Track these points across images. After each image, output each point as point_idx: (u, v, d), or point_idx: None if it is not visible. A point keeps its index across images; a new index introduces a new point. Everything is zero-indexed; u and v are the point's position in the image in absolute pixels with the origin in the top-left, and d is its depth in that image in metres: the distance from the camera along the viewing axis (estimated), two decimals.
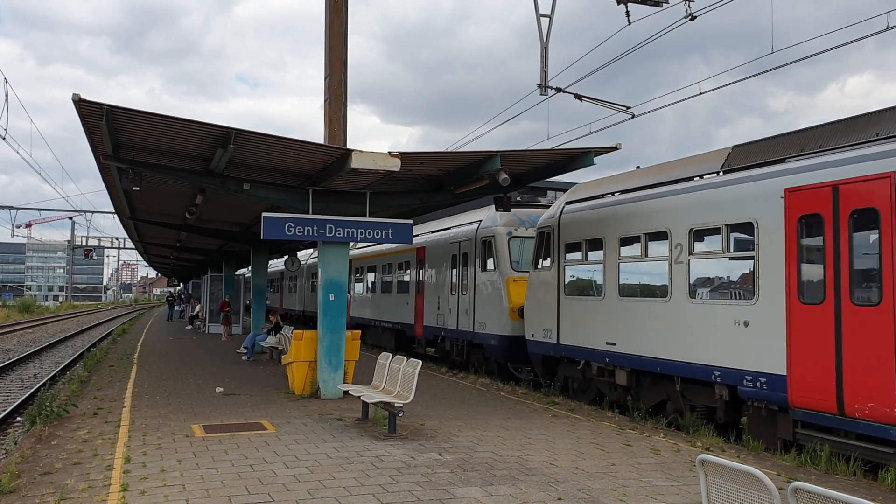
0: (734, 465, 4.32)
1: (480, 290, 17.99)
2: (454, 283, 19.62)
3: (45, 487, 7.39)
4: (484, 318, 17.68)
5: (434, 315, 20.85)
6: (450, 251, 20.14)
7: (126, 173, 12.80)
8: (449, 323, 19.78)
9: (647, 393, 12.56)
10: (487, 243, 17.89)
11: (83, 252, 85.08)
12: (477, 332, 18.03)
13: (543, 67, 15.76)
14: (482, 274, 18.00)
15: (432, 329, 21.06)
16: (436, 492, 7.35)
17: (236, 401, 13.21)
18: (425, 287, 21.68)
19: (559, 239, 14.64)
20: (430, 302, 21.24)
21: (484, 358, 18.36)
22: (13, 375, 22.19)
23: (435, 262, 21.15)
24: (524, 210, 18.26)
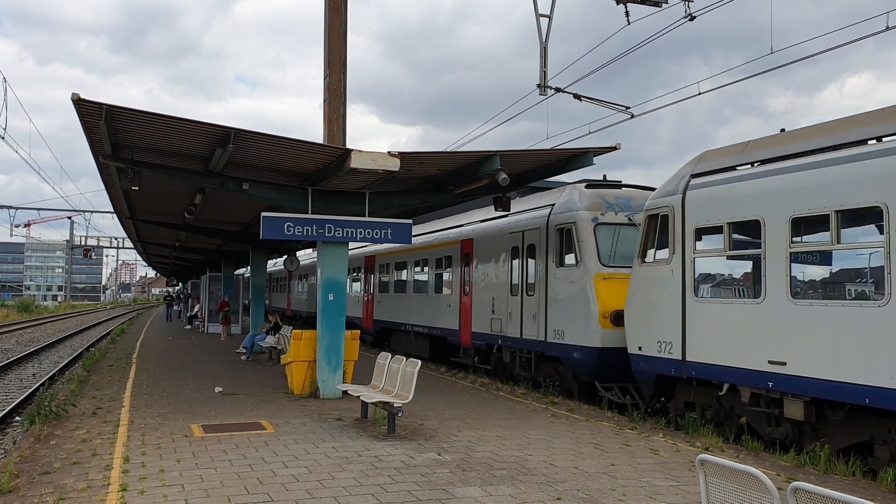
0: (734, 465, 4.32)
1: (555, 289, 14.77)
2: (516, 282, 16.42)
3: (44, 487, 7.38)
4: (561, 324, 14.46)
5: (486, 320, 17.70)
6: (508, 243, 16.85)
7: (125, 173, 12.79)
8: (509, 330, 16.53)
9: (838, 432, 9.37)
10: (565, 232, 14.63)
11: (82, 252, 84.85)
12: (551, 343, 14.76)
13: (543, 67, 15.77)
14: (558, 270, 14.73)
15: (484, 337, 17.83)
16: (435, 492, 7.35)
17: (235, 401, 13.20)
18: (474, 286, 18.46)
19: (684, 222, 11.27)
20: (480, 304, 18.07)
21: (558, 373, 15.10)
22: (12, 375, 22.18)
23: (487, 256, 17.97)
24: (609, 191, 15.04)
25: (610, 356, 13.37)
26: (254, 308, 26.66)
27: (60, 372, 21.92)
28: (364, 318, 27.96)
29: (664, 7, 15.17)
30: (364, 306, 27.98)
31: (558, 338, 14.54)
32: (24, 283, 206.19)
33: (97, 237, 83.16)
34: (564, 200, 15.02)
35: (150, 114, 10.55)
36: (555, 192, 15.96)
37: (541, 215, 15.67)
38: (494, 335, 17.25)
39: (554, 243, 14.97)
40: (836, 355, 8.85)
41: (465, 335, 18.92)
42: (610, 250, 14.17)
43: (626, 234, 14.26)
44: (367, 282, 28.01)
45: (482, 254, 18.21)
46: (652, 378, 12.08)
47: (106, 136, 11.44)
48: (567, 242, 14.64)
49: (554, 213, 15.19)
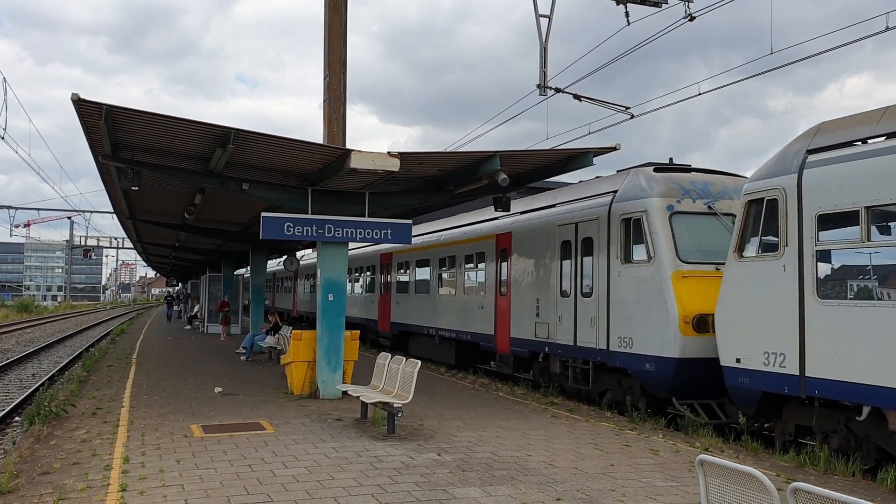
0: (734, 465, 4.32)
1: (620, 290, 12.85)
2: (567, 281, 14.47)
3: (44, 487, 7.38)
4: (629, 330, 12.55)
5: (529, 325, 15.68)
6: (557, 237, 14.90)
7: (125, 173, 12.79)
8: (559, 336, 14.56)
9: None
10: (633, 223, 12.77)
11: (82, 252, 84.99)
12: (615, 352, 12.84)
13: (543, 68, 15.78)
14: (624, 267, 12.84)
15: (526, 343, 15.82)
16: (435, 492, 7.35)
17: (235, 401, 13.20)
18: (513, 286, 16.53)
19: (801, 208, 9.36)
20: (521, 307, 16.08)
21: (620, 386, 13.22)
22: (11, 375, 22.17)
23: (529, 251, 15.97)
24: (682, 175, 13.03)
25: (691, 368, 11.47)
26: (253, 308, 26.67)
27: (60, 372, 21.91)
28: (380, 321, 26.09)
29: (664, 7, 15.18)
30: (379, 308, 26.17)
31: (625, 346, 12.59)
32: (23, 283, 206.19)
33: (97, 237, 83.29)
34: (630, 186, 13.05)
35: (149, 114, 10.55)
36: (614, 177, 14.10)
37: (599, 204, 13.66)
38: (539, 342, 15.23)
39: (618, 236, 13.03)
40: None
41: (501, 341, 16.92)
42: (689, 244, 12.29)
43: (707, 225, 12.46)
44: (382, 281, 26.15)
45: (523, 249, 16.23)
46: (755, 396, 9.99)
47: (106, 136, 11.44)
48: (636, 235, 12.72)
49: (617, 200, 13.22)
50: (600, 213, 13.58)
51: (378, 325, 26.08)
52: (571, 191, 15.46)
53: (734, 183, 12.98)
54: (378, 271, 26.60)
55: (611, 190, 13.65)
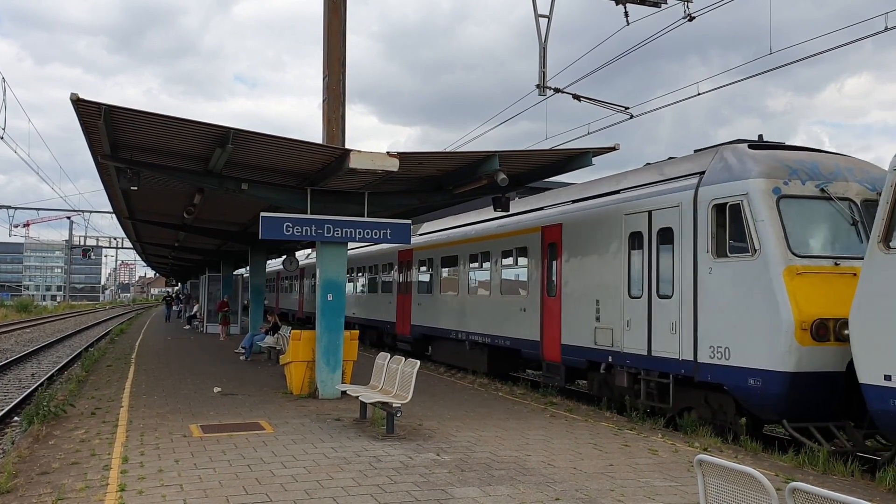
0: (732, 465, 4.32)
1: (712, 289, 10.91)
2: (637, 280, 12.59)
3: (43, 487, 7.37)
4: (725, 338, 10.59)
5: (587, 330, 13.76)
6: (624, 227, 12.96)
7: (124, 173, 12.79)
8: (626, 344, 12.66)
9: None
10: (729, 210, 10.79)
11: (81, 252, 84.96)
12: (705, 364, 10.89)
13: (542, 68, 15.78)
14: (717, 263, 10.87)
15: (583, 352, 13.85)
16: (434, 492, 7.35)
17: (234, 401, 13.20)
18: (564, 285, 14.61)
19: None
20: (575, 309, 14.16)
21: (707, 404, 11.38)
22: (11, 375, 22.17)
23: (587, 245, 14.03)
24: (788, 153, 11.27)
25: (807, 384, 9.71)
26: (253, 308, 26.66)
27: (59, 372, 21.91)
28: (398, 323, 23.99)
29: (663, 7, 15.18)
30: (398, 309, 24.12)
31: (719, 358, 10.63)
32: (23, 283, 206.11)
33: (96, 237, 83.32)
34: (722, 166, 11.22)
35: (148, 114, 10.54)
36: (696, 156, 12.28)
37: (680, 188, 11.82)
38: (601, 350, 13.28)
39: (708, 225, 11.08)
40: None
41: (549, 348, 14.95)
42: (801, 233, 10.42)
43: (821, 212, 10.61)
44: (401, 280, 24.21)
45: (578, 243, 14.26)
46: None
47: (105, 136, 11.44)
48: (733, 224, 10.75)
49: (706, 183, 11.32)
50: (683, 198, 11.63)
51: (396, 327, 24.20)
52: (638, 174, 13.42)
53: (847, 163, 11.23)
54: (396, 269, 24.70)
55: (695, 171, 11.74)
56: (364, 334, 27.83)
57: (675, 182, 12.10)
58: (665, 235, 12.10)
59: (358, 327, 29.42)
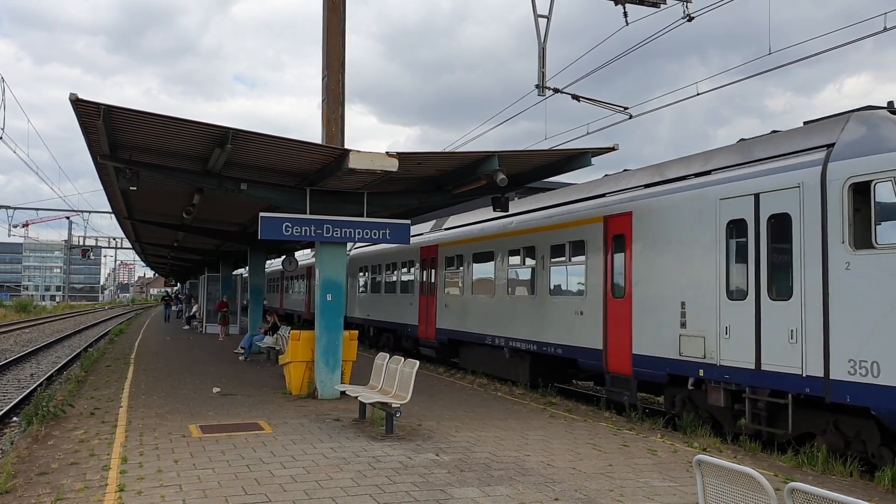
0: (731, 465, 4.32)
1: (852, 289, 8.92)
2: (739, 277, 10.61)
3: (42, 488, 7.37)
4: (872, 351, 8.62)
5: (668, 337, 11.71)
6: (720, 214, 10.92)
7: (123, 173, 12.79)
8: (724, 354, 10.60)
9: None
10: (875, 189, 8.83)
11: (80, 252, 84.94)
12: (840, 381, 8.97)
13: (541, 68, 15.78)
14: (858, 256, 8.87)
15: (663, 363, 11.81)
16: (433, 492, 7.35)
17: (233, 401, 13.19)
18: (636, 284, 12.61)
19: None
20: (652, 312, 12.13)
21: (840, 433, 9.51)
22: (10, 375, 22.16)
23: (667, 236, 11.99)
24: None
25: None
26: (252, 308, 26.65)
27: (58, 372, 21.90)
28: (420, 327, 21.86)
29: (662, 8, 15.19)
30: (420, 311, 22.06)
31: (864, 374, 8.66)
32: (22, 283, 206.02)
33: (95, 237, 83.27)
34: (860, 137, 9.25)
35: (148, 114, 10.54)
36: (819, 126, 10.21)
37: (801, 164, 9.84)
38: (688, 362, 11.22)
39: (844, 210, 9.09)
40: None
41: (616, 358, 12.95)
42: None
43: None
44: (423, 280, 22.14)
45: (654, 235, 12.25)
46: None
47: (104, 136, 11.43)
48: (882, 208, 8.77)
49: (839, 157, 9.31)
50: (805, 177, 9.68)
51: (418, 331, 22.06)
52: (732, 152, 11.39)
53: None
54: (418, 267, 22.54)
55: (820, 144, 9.79)
56: (379, 338, 26.70)
57: (790, 159, 10.08)
58: (779, 224, 10.03)
59: (373, 330, 27.30)
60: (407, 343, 23.63)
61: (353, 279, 29.51)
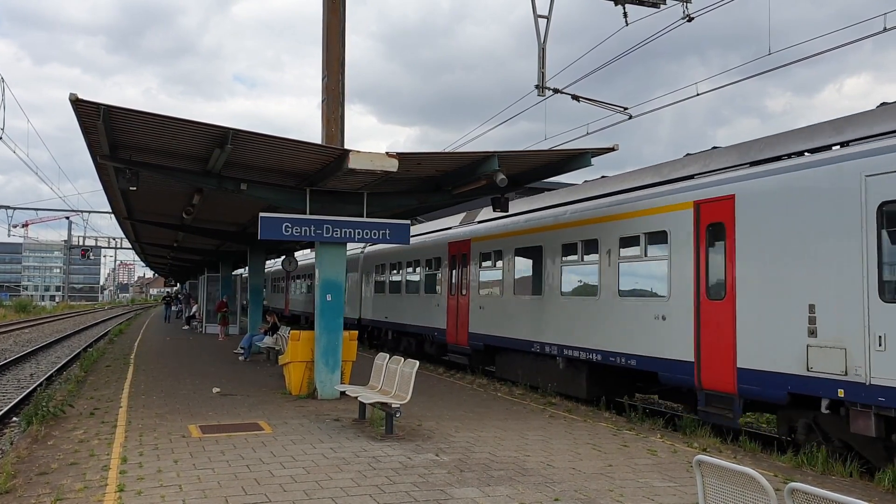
0: (731, 465, 4.32)
1: None
2: (895, 273, 8.74)
3: (42, 488, 7.37)
4: None
5: (788, 348, 9.68)
6: (864, 196, 8.97)
7: (123, 173, 12.79)
8: (873, 371, 8.64)
9: None
10: None
11: (80, 252, 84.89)
12: None
13: (541, 68, 15.78)
14: None
15: (782, 380, 9.77)
16: (433, 492, 7.35)
17: (233, 401, 13.19)
18: (741, 283, 10.54)
19: None
20: (761, 317, 10.14)
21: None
22: (9, 375, 22.15)
23: (784, 224, 9.95)
24: None
25: None
26: (252, 309, 26.63)
27: (58, 372, 21.89)
28: (450, 331, 19.65)
29: (662, 8, 15.19)
30: (450, 314, 19.86)
31: None
32: (21, 283, 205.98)
33: (95, 237, 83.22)
34: None
35: (148, 114, 10.54)
36: None
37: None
38: (821, 379, 9.19)
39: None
40: None
41: (713, 372, 10.89)
42: None
43: None
44: (453, 279, 19.87)
45: (768, 222, 10.11)
46: None
47: (104, 136, 11.43)
48: None
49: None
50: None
51: (447, 336, 19.82)
52: (879, 117, 9.48)
53: None
54: (446, 265, 20.24)
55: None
56: (398, 342, 24.63)
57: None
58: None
59: (392, 334, 24.92)
60: (431, 348, 21.63)
61: (367, 278, 27.45)
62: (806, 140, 10.32)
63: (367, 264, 27.58)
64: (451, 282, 19.92)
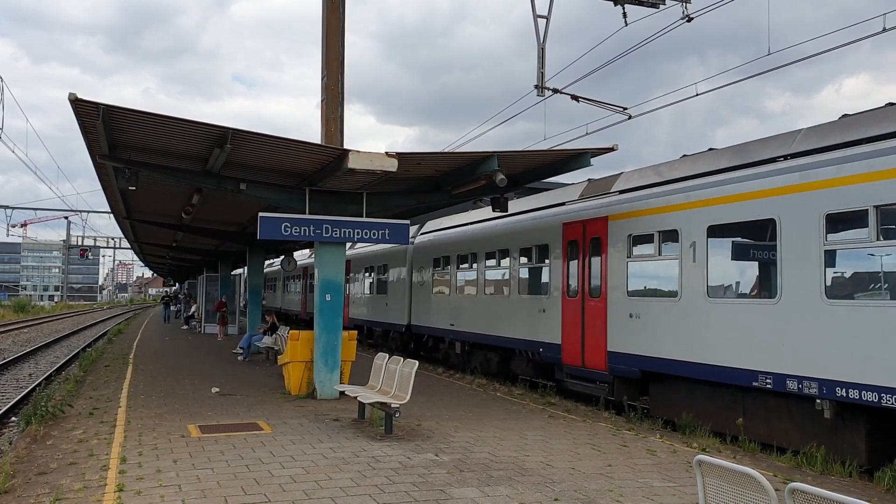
0: (732, 466, 4.32)
1: None
2: None
3: (41, 488, 7.36)
4: None
5: None
6: None
7: (122, 173, 12.78)
8: None
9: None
10: None
11: (79, 252, 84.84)
12: None
13: (540, 68, 15.78)
14: None
15: None
16: (432, 492, 7.34)
17: (232, 401, 13.18)
18: None
19: None
20: None
21: None
22: (8, 375, 22.12)
23: None
24: None
25: None
26: (251, 309, 26.61)
27: (57, 372, 21.87)
28: (569, 348, 14.41)
29: (661, 8, 15.19)
30: (568, 324, 14.54)
31: None
32: (20, 283, 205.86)
33: (94, 237, 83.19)
34: None
35: (147, 114, 10.53)
36: None
37: None
38: None
39: None
40: None
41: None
42: None
43: None
44: (576, 274, 14.45)
45: None
46: None
47: (103, 136, 11.42)
48: None
49: None
50: None
51: (563, 354, 14.52)
52: None
53: None
54: (558, 255, 15.01)
55: None
56: (468, 357, 19.48)
57: None
58: None
59: (463, 347, 19.46)
60: (528, 368, 16.53)
61: (421, 274, 22.19)
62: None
63: (419, 257, 22.19)
64: (568, 278, 14.71)
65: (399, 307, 23.49)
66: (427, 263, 21.78)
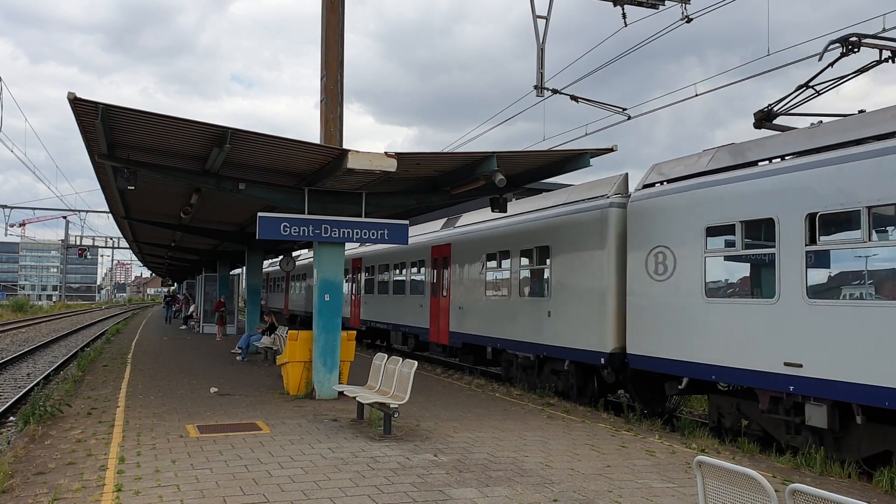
0: (732, 466, 4.31)
1: None
2: None
3: (39, 487, 7.34)
4: None
5: None
6: None
7: (121, 172, 12.76)
8: None
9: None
10: None
11: (77, 251, 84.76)
12: None
13: (540, 69, 15.77)
14: None
15: None
16: (431, 493, 7.33)
17: (231, 401, 13.17)
18: None
19: None
20: None
21: None
22: (6, 375, 22.09)
23: None
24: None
25: None
26: (250, 308, 26.58)
27: (55, 372, 21.84)
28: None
29: (661, 9, 15.18)
30: None
31: None
32: (18, 282, 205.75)
33: (92, 237, 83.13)
34: None
35: (146, 113, 10.51)
36: None
37: None
38: None
39: None
40: None
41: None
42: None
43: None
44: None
45: None
46: None
47: (102, 135, 11.40)
48: None
49: None
50: None
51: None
52: None
53: None
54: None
55: None
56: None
57: None
58: None
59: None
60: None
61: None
62: None
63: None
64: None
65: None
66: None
